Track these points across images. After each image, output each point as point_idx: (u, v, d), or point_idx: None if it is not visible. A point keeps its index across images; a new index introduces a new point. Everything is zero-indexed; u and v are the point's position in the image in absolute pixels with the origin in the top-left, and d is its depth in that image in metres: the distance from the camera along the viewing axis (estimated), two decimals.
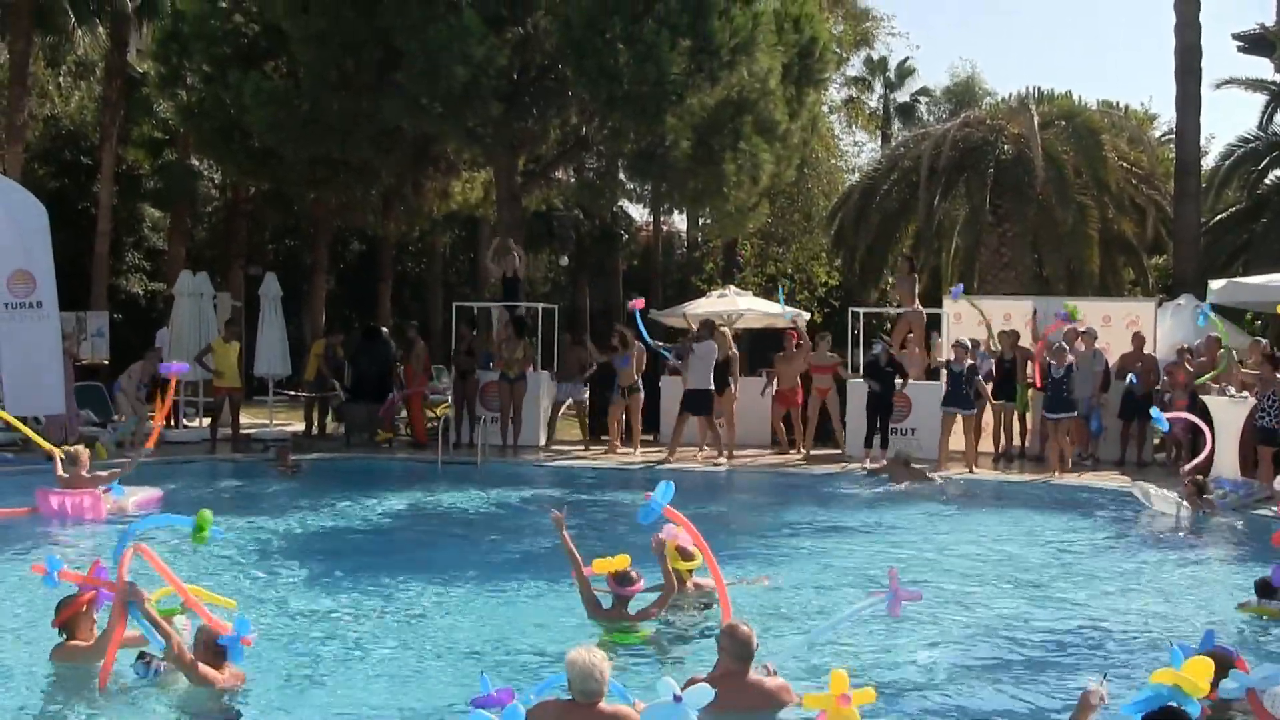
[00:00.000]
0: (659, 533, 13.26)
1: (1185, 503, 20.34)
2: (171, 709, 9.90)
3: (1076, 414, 25.59)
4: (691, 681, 9.26)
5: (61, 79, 50.09)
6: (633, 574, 12.35)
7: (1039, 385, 25.57)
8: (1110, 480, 24.23)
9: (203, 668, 9.89)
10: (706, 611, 13.44)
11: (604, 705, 8.55)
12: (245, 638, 9.69)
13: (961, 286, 28.05)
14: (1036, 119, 39.06)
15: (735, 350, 28.99)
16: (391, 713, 10.16)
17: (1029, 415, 28.07)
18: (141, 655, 10.39)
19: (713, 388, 27.04)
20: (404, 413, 30.72)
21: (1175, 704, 7.10)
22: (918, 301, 29.92)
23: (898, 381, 26.98)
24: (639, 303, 28.88)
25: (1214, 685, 8.37)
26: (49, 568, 10.40)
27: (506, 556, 17.18)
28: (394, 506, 21.75)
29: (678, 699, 7.34)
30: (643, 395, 28.93)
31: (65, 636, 10.65)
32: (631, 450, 28.22)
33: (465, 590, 14.74)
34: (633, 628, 12.34)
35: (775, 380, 28.76)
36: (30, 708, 10.02)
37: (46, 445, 21.24)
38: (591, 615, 12.48)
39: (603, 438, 29.55)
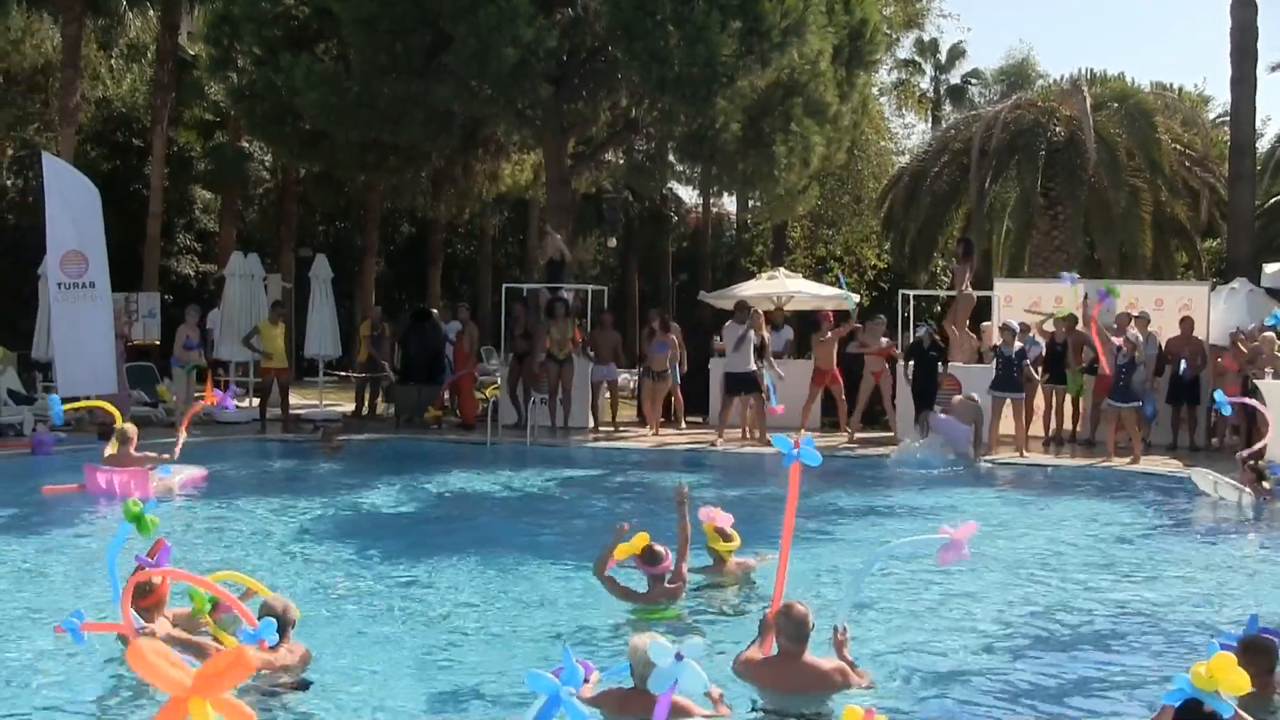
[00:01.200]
0: (704, 508, 13.32)
1: (1247, 489, 20.20)
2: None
3: (1140, 403, 25.32)
4: (748, 661, 9.26)
5: (113, 61, 50.22)
6: (658, 549, 12.25)
7: (1108, 374, 25.27)
8: (1163, 465, 24.10)
9: (264, 657, 9.75)
10: (747, 590, 13.44)
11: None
12: (262, 640, 9.51)
13: (1076, 275, 27.67)
14: (1089, 101, 38.78)
15: (766, 334, 28.85)
16: (438, 690, 10.18)
17: (1081, 399, 27.91)
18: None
19: (754, 369, 27.00)
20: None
21: (1201, 700, 7.03)
22: (969, 285, 29.81)
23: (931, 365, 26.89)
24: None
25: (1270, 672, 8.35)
26: (72, 622, 10.02)
27: (552, 537, 17.19)
28: (442, 487, 21.79)
29: (679, 657, 7.28)
30: (672, 381, 28.94)
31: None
32: (676, 431, 28.23)
33: (510, 570, 14.79)
34: (671, 605, 12.34)
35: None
36: (100, 688, 10.05)
37: (113, 410, 21.35)
38: (630, 599, 12.42)
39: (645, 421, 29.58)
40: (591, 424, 29.61)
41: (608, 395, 30.62)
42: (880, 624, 12.34)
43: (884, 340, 28.40)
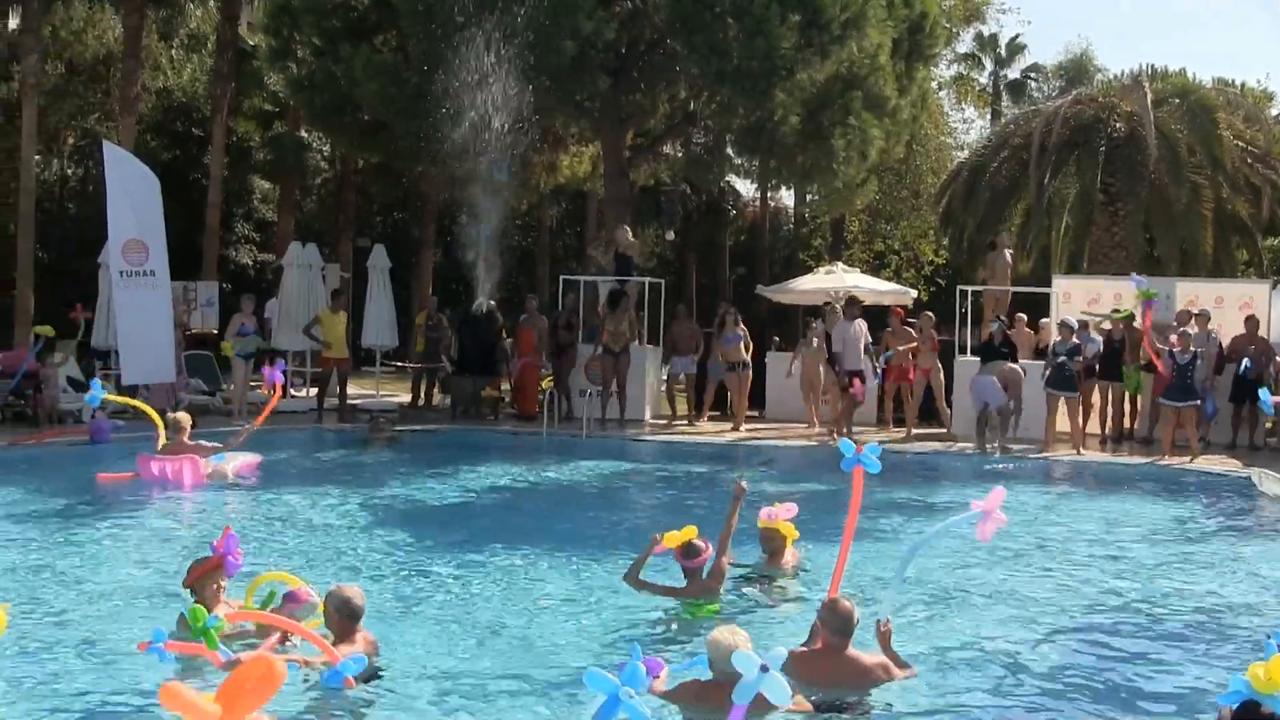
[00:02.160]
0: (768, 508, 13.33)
1: None
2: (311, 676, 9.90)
3: (1199, 402, 25.13)
4: (792, 655, 9.24)
5: (174, 52, 50.46)
6: (697, 543, 12.20)
7: (1165, 376, 25.09)
8: (1221, 464, 23.94)
9: (340, 650, 9.75)
10: (798, 586, 13.40)
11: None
12: (348, 679, 9.44)
13: (1144, 279, 27.53)
14: (1150, 96, 38.50)
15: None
16: (495, 680, 10.18)
17: (1139, 397, 27.74)
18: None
19: (862, 367, 27.00)
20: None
21: (1259, 702, 6.96)
22: (1006, 280, 29.73)
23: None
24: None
25: None
26: (154, 640, 9.95)
27: (604, 530, 17.19)
28: (497, 479, 21.82)
29: (764, 669, 7.25)
30: (743, 373, 28.90)
31: (195, 598, 10.58)
32: (734, 427, 28.20)
33: (561, 563, 14.81)
34: (710, 600, 12.30)
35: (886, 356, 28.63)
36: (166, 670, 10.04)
37: (155, 415, 21.42)
38: (673, 595, 12.41)
39: (711, 413, 29.55)
40: (648, 416, 29.56)
41: (680, 388, 30.58)
42: (927, 618, 12.32)
43: (933, 334, 28.30)
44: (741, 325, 28.76)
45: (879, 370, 28.19)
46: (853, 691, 9.51)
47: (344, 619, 9.92)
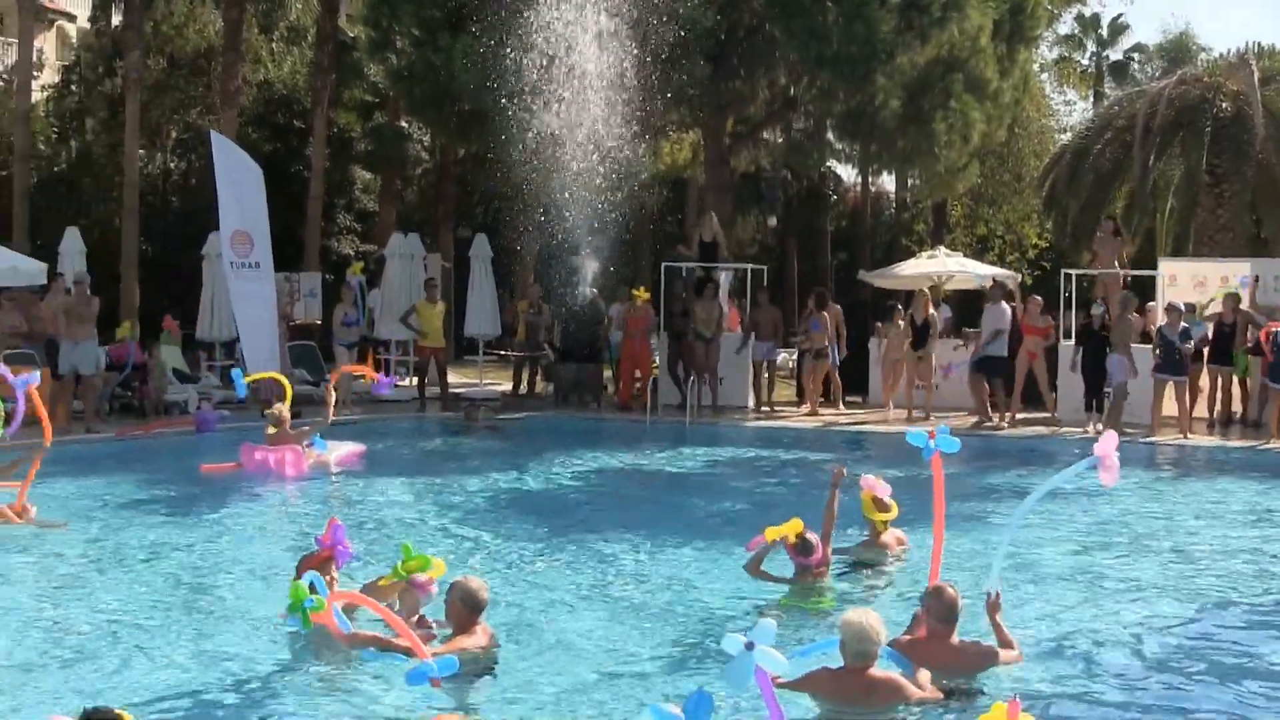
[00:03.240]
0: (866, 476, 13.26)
1: None
2: None
3: None
4: (895, 642, 9.17)
5: (274, 45, 50.75)
6: (810, 539, 12.12)
7: (1269, 356, 24.80)
8: None
9: (459, 642, 9.84)
10: (901, 565, 13.32)
11: (874, 670, 8.69)
12: (435, 679, 9.38)
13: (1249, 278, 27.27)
14: (1257, 75, 38.04)
15: (934, 312, 28.56)
16: (604, 670, 10.18)
17: (1249, 380, 27.38)
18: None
19: (1006, 355, 26.94)
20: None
21: None
22: (1117, 264, 29.41)
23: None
24: None
25: None
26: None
27: (705, 517, 17.16)
28: (600, 466, 21.93)
29: (750, 646, 7.11)
30: (831, 360, 28.76)
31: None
32: (834, 410, 28.16)
33: (663, 549, 14.84)
34: (818, 590, 12.25)
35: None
36: (289, 663, 10.17)
37: (283, 379, 21.63)
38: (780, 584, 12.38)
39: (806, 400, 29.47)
40: (752, 403, 29.51)
41: (784, 375, 30.51)
42: (1034, 603, 12.22)
43: (1042, 318, 28.07)
44: (825, 311, 28.64)
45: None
46: (957, 678, 9.44)
47: (468, 611, 9.95)
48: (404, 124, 45.99)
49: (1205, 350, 26.60)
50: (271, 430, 20.27)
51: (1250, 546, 15.47)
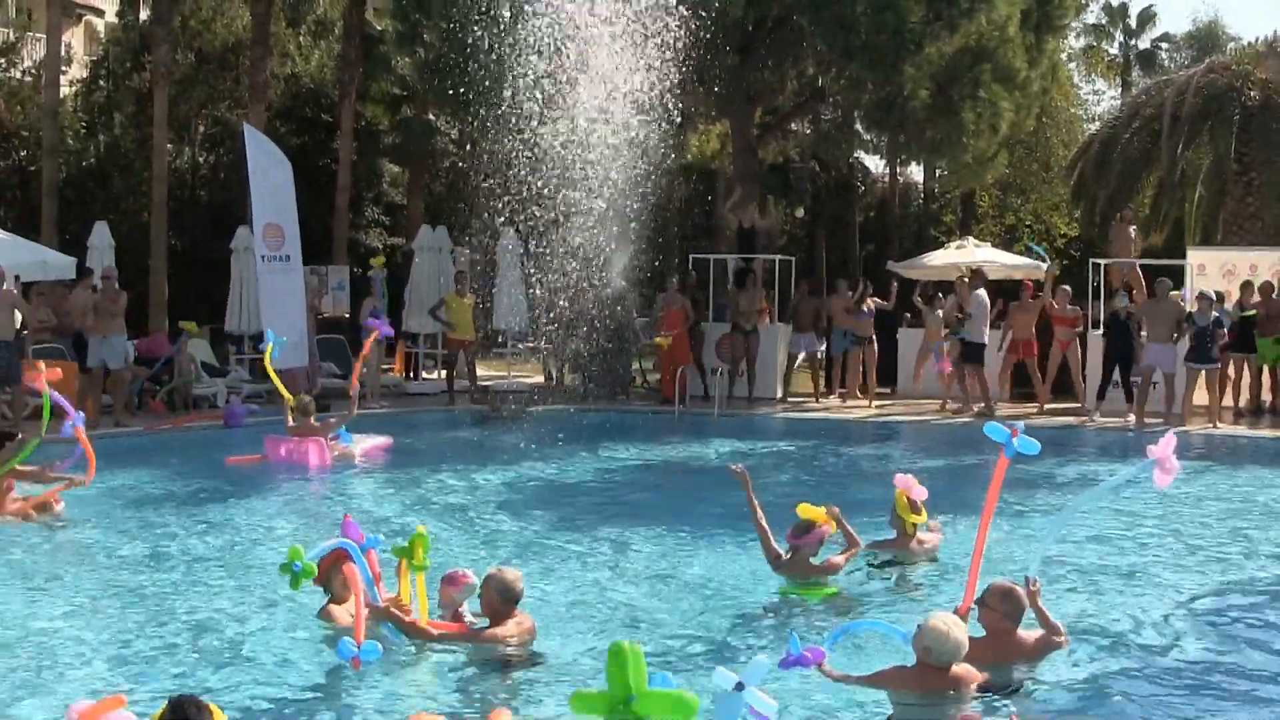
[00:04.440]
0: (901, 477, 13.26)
1: None
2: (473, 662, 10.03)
3: None
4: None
5: (301, 38, 50.78)
6: (805, 524, 12.18)
7: None
8: None
9: (494, 631, 9.97)
10: (929, 568, 13.29)
11: (956, 668, 8.80)
12: (355, 659, 9.26)
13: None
14: None
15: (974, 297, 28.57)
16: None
17: (1278, 369, 27.28)
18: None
19: (986, 341, 26.96)
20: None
21: None
22: (1132, 253, 29.36)
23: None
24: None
25: None
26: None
27: (724, 509, 17.16)
28: (628, 457, 22.06)
29: (740, 686, 6.94)
30: (876, 348, 28.80)
31: (329, 597, 10.72)
32: (866, 402, 28.16)
33: (689, 539, 15.00)
34: (820, 583, 12.27)
35: (1011, 331, 28.32)
36: (320, 668, 10.13)
37: (285, 393, 21.63)
38: (774, 568, 12.44)
39: (840, 390, 29.46)
40: (780, 394, 29.51)
41: (806, 366, 30.49)
42: (1066, 592, 12.22)
43: (1070, 308, 28.05)
44: (869, 301, 28.74)
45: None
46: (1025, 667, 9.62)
47: (504, 602, 10.02)
48: (431, 117, 46.00)
49: (1226, 338, 26.54)
50: (294, 421, 20.38)
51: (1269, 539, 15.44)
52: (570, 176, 27.29)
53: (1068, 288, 28.73)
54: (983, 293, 27.47)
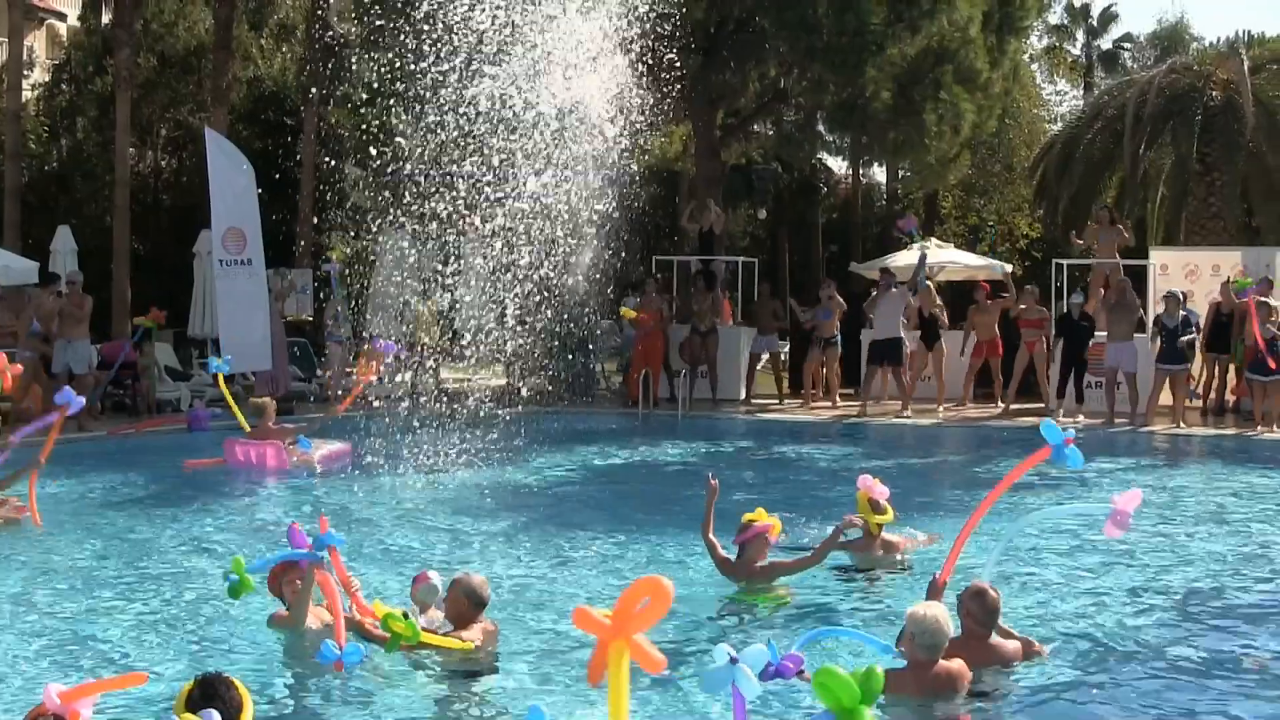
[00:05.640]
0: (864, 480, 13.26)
1: None
2: (436, 667, 10.00)
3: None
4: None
5: (264, 41, 50.74)
6: (747, 520, 12.24)
7: (1262, 346, 24.74)
8: None
9: (461, 635, 9.92)
10: (894, 571, 13.29)
11: (949, 665, 8.86)
12: (338, 662, 9.27)
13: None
14: (1247, 64, 38.07)
15: (941, 304, 28.64)
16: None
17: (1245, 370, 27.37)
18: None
19: (901, 336, 26.93)
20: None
21: None
22: (1116, 254, 29.41)
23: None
24: (909, 221, 29.05)
25: None
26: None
27: (690, 508, 17.19)
28: (593, 461, 22.08)
29: (734, 660, 6.99)
30: (840, 349, 28.85)
31: (284, 601, 10.65)
32: (830, 404, 28.20)
33: (651, 541, 15.05)
34: (769, 589, 12.28)
35: (973, 333, 28.39)
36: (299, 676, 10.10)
37: (234, 406, 21.61)
38: (723, 573, 12.44)
39: (802, 392, 29.47)
40: (743, 395, 29.54)
41: (768, 367, 30.53)
42: (1028, 594, 12.29)
43: (1038, 310, 28.12)
44: (835, 299, 28.82)
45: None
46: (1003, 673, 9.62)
47: (471, 606, 10.00)
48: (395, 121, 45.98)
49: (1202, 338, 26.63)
50: (250, 425, 20.41)
51: (1235, 534, 15.53)
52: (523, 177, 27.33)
53: (1035, 288, 28.82)
54: (896, 292, 27.46)
